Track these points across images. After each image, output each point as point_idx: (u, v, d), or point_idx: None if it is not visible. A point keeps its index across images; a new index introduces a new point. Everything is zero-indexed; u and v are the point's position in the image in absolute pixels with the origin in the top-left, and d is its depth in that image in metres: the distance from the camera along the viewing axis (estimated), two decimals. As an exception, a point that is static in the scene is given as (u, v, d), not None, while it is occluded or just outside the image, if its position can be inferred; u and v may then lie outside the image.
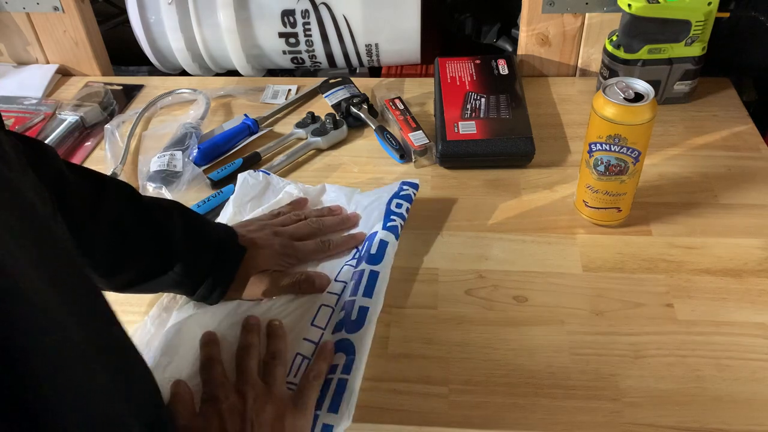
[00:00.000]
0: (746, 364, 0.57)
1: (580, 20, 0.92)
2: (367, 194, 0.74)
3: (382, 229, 0.66)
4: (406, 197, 0.71)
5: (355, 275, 0.63)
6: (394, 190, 0.71)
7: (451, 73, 0.92)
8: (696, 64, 0.85)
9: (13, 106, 0.97)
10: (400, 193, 0.71)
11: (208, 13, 0.96)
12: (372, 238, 0.66)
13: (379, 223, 0.67)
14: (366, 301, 0.60)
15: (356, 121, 0.89)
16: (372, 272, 0.62)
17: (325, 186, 0.76)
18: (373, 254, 0.64)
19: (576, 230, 0.72)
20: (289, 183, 0.76)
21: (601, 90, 0.64)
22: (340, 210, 0.72)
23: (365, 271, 0.62)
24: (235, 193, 0.75)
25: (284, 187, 0.75)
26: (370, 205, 0.71)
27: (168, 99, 0.97)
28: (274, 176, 0.77)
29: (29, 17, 1.00)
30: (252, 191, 0.75)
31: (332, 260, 0.67)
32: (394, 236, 0.66)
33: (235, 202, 0.73)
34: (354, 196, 0.74)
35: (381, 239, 0.65)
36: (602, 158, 0.66)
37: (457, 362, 0.59)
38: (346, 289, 0.63)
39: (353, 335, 0.57)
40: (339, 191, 0.75)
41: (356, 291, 0.61)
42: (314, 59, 1.02)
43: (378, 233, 0.66)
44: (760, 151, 0.81)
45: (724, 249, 0.68)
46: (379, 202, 0.70)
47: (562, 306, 0.63)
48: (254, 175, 0.76)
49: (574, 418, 0.54)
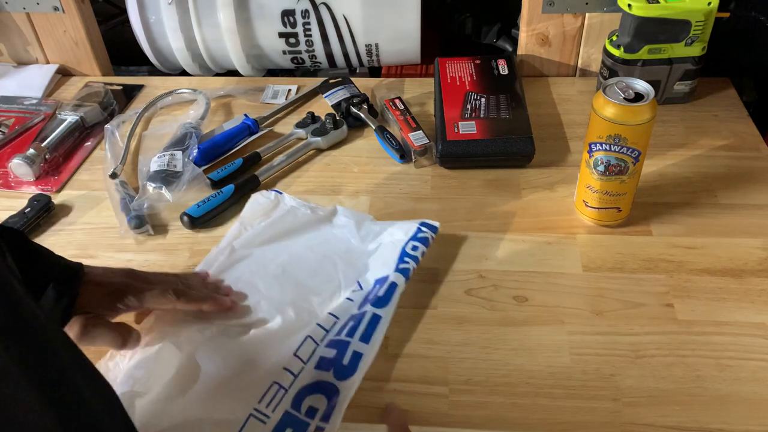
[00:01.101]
0: (746, 364, 0.57)
1: (580, 20, 0.92)
2: (380, 224, 0.70)
3: (394, 271, 0.62)
4: (423, 240, 0.66)
5: (355, 316, 0.59)
6: (411, 231, 0.67)
7: (451, 73, 0.92)
8: (696, 64, 0.85)
9: (13, 106, 0.97)
10: (417, 235, 0.66)
11: (208, 13, 0.96)
12: (383, 282, 0.62)
13: (393, 265, 0.63)
14: (361, 347, 0.56)
15: (356, 121, 0.89)
16: (375, 315, 0.58)
17: (337, 208, 0.72)
18: (380, 297, 0.60)
19: (576, 230, 0.72)
20: (299, 202, 0.73)
21: (601, 90, 0.64)
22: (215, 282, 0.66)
23: (367, 313, 0.59)
24: (243, 212, 0.73)
25: (293, 205, 0.73)
26: (385, 246, 0.67)
27: (168, 99, 0.97)
28: (286, 195, 0.74)
29: (29, 17, 1.00)
30: (261, 210, 0.72)
31: (330, 291, 0.63)
32: (405, 279, 0.62)
33: (242, 221, 0.71)
34: (365, 222, 0.70)
35: (391, 281, 0.61)
36: (602, 158, 0.66)
37: (457, 362, 0.59)
38: (337, 325, 0.59)
39: (341, 382, 0.54)
40: (350, 216, 0.71)
41: (353, 333, 0.57)
42: (314, 59, 1.02)
43: (389, 276, 0.62)
44: (760, 151, 0.81)
45: (724, 249, 0.68)
46: (393, 245, 0.66)
47: (562, 306, 0.63)
48: (266, 195, 0.74)
49: (574, 418, 0.54)
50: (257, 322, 0.61)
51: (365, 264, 0.66)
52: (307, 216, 0.71)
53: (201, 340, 0.59)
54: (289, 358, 0.56)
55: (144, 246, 0.73)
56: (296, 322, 0.60)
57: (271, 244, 0.69)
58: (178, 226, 0.75)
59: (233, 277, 0.66)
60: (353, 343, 0.56)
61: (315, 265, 0.66)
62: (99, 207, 0.79)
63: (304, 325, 0.60)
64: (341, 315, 0.60)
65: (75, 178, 0.84)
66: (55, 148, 0.86)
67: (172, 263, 0.71)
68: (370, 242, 0.68)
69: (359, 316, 0.59)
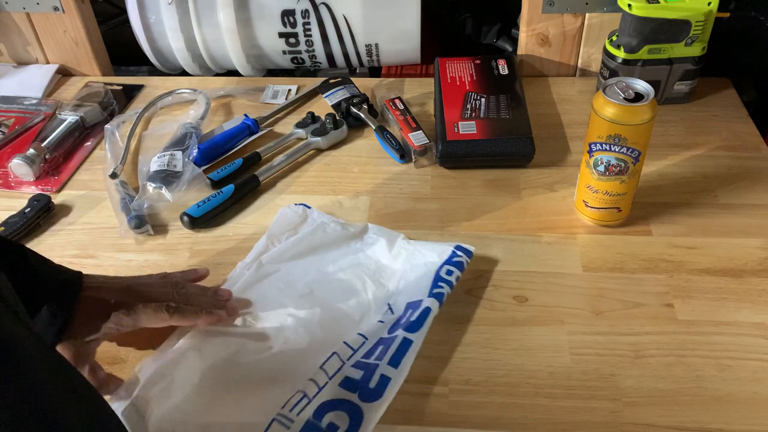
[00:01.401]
0: (746, 364, 0.57)
1: (580, 20, 0.92)
2: (413, 243, 0.68)
3: (428, 296, 0.61)
4: (458, 264, 0.65)
5: (385, 340, 0.58)
6: (446, 255, 0.65)
7: (451, 73, 0.92)
8: (696, 64, 0.85)
9: (13, 106, 0.97)
10: (452, 259, 0.65)
11: (208, 13, 0.96)
12: (416, 306, 0.61)
13: (426, 289, 0.62)
14: (390, 371, 0.55)
15: (356, 121, 0.89)
16: (405, 339, 0.57)
17: (368, 225, 0.71)
18: (413, 321, 0.59)
19: (576, 230, 0.72)
20: (329, 217, 0.72)
21: (601, 90, 0.64)
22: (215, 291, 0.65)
23: (398, 336, 0.57)
24: (271, 226, 0.72)
25: (323, 221, 0.71)
26: (417, 268, 0.65)
27: (168, 99, 0.97)
28: (314, 210, 0.73)
29: (29, 17, 1.00)
30: (289, 224, 0.71)
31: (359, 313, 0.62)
32: (439, 303, 0.61)
33: (270, 234, 0.70)
34: (397, 241, 0.68)
35: (426, 307, 0.60)
36: (602, 158, 0.66)
37: (457, 362, 0.59)
38: (365, 346, 0.58)
39: (366, 404, 0.53)
40: (381, 234, 0.69)
41: (382, 356, 0.56)
42: (314, 59, 1.02)
43: (423, 301, 0.61)
44: (760, 151, 0.81)
45: (724, 249, 0.68)
46: (426, 267, 0.65)
47: (562, 306, 0.63)
48: (294, 209, 0.73)
49: (574, 418, 0.54)
50: (284, 340, 0.60)
51: (396, 285, 0.65)
52: (338, 232, 0.70)
53: (225, 352, 0.58)
54: (315, 371, 0.55)
55: (144, 246, 0.73)
56: (324, 341, 0.59)
57: (299, 260, 0.68)
58: (178, 226, 0.75)
59: (259, 293, 0.65)
60: (381, 366, 0.55)
61: (344, 286, 0.65)
62: (99, 207, 0.79)
63: (332, 343, 0.59)
64: (370, 336, 0.59)
65: (75, 178, 0.84)
66: (55, 148, 0.86)
67: (172, 263, 0.71)
68: (402, 262, 0.67)
69: (389, 339, 0.58)
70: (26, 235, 0.75)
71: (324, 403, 0.53)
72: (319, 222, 0.71)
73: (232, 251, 0.72)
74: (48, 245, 0.74)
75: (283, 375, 0.57)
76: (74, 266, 0.68)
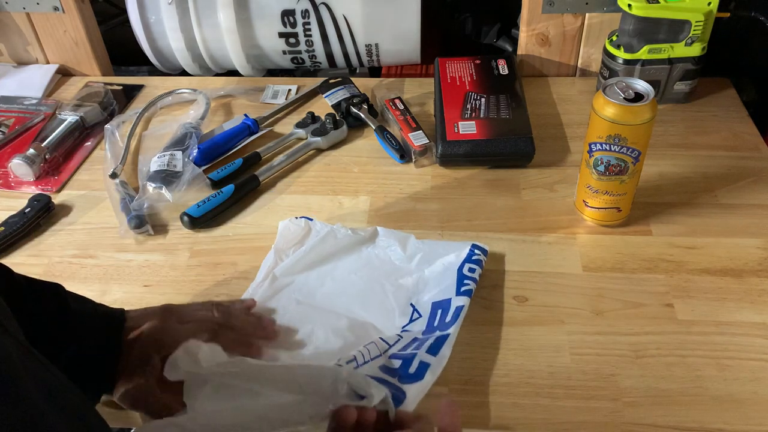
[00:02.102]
0: (746, 364, 0.57)
1: (580, 20, 0.92)
2: (426, 243, 0.68)
3: (457, 295, 0.62)
4: (477, 262, 0.65)
5: (421, 339, 0.59)
6: (464, 254, 0.66)
7: (451, 73, 0.92)
8: (696, 64, 0.85)
9: (13, 106, 0.97)
10: (471, 257, 0.65)
11: (208, 13, 0.96)
12: (445, 306, 0.61)
13: (452, 288, 0.63)
14: (429, 358, 0.56)
15: (356, 121, 0.89)
16: (441, 336, 0.58)
17: (378, 229, 0.70)
18: (447, 322, 0.60)
19: (576, 230, 0.72)
20: (337, 225, 0.71)
21: (601, 90, 0.64)
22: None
23: (434, 334, 0.59)
24: (277, 240, 0.71)
25: (330, 230, 0.70)
26: (437, 269, 0.66)
27: (168, 99, 0.97)
28: (317, 222, 0.72)
29: (29, 17, 1.00)
30: (294, 238, 0.70)
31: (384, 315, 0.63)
32: (469, 298, 0.62)
33: (277, 249, 0.70)
34: (409, 241, 0.69)
35: (457, 305, 0.61)
36: (602, 158, 0.66)
37: (457, 362, 0.59)
38: (401, 343, 0.58)
39: (407, 385, 0.53)
40: (391, 236, 0.69)
41: (420, 347, 0.57)
42: (314, 59, 1.02)
43: (452, 300, 0.62)
44: (760, 151, 0.81)
45: (724, 249, 0.68)
46: (447, 268, 0.65)
47: (562, 306, 0.63)
48: (296, 222, 0.72)
49: (574, 418, 0.54)
50: (314, 348, 0.60)
51: (415, 285, 0.65)
52: (348, 237, 0.69)
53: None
54: (355, 352, 0.56)
55: (144, 246, 0.73)
56: (357, 341, 0.59)
57: (312, 270, 0.67)
58: (178, 226, 0.75)
59: (278, 306, 0.64)
60: (420, 354, 0.56)
61: (362, 291, 0.65)
62: (99, 207, 0.79)
63: (368, 339, 0.59)
64: (404, 336, 0.60)
65: (75, 178, 0.84)
66: (55, 148, 0.86)
67: (172, 263, 0.71)
68: (419, 262, 0.67)
69: (425, 338, 0.58)
70: (26, 235, 0.75)
71: (366, 376, 0.51)
72: (328, 230, 0.70)
73: (232, 251, 0.72)
74: (48, 245, 0.74)
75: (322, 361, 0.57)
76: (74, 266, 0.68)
